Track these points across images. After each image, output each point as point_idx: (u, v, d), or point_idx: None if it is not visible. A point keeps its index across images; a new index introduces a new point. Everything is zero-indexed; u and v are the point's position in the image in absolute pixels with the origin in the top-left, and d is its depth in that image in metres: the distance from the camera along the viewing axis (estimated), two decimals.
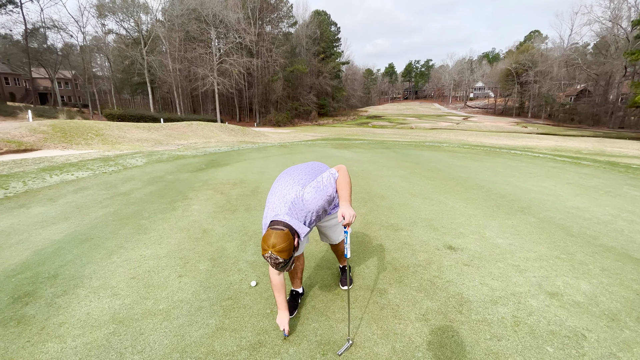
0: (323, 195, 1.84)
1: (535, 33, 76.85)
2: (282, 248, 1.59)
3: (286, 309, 1.95)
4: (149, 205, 4.66)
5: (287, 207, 1.78)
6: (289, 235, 1.63)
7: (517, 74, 64.48)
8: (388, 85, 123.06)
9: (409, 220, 3.99)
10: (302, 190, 1.83)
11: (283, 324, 1.90)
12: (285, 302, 1.96)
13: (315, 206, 1.83)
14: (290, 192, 1.83)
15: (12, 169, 7.40)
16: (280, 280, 1.92)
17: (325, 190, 1.85)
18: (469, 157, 10.18)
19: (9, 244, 3.29)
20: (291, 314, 2.09)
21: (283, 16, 55.99)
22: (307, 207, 1.81)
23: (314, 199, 1.82)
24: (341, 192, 1.86)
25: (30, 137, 12.48)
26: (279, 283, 1.92)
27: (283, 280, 1.94)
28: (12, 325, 2.02)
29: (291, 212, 1.78)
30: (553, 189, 5.66)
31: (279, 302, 1.94)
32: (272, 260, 1.61)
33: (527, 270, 2.70)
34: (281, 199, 1.82)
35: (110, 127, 16.29)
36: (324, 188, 1.85)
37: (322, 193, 1.84)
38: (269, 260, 1.62)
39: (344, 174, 1.91)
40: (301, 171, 1.99)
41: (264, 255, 1.62)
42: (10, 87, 44.18)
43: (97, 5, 42.25)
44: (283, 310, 1.93)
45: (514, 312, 2.14)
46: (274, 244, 1.58)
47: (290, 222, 1.71)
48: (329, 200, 1.90)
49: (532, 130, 43.10)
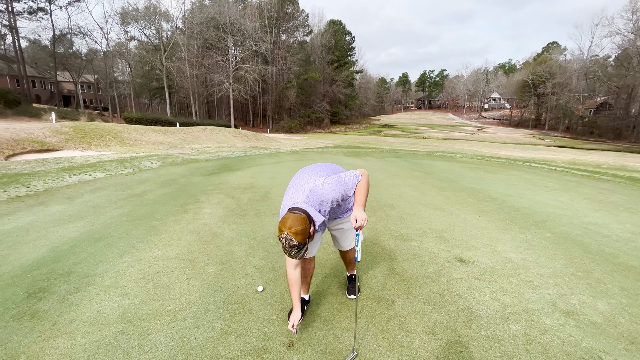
0: (341, 189, 1.89)
1: (553, 44, 75.62)
2: (298, 230, 1.63)
3: (299, 308, 1.96)
4: (161, 207, 4.75)
5: (305, 195, 1.85)
6: (306, 220, 1.67)
7: (534, 85, 63.36)
8: (401, 94, 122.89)
9: (419, 230, 3.93)
10: (322, 180, 1.90)
11: (294, 321, 1.89)
12: (299, 300, 1.97)
13: (332, 196, 1.87)
14: (309, 182, 1.91)
15: (34, 167, 7.68)
16: (296, 276, 1.93)
17: (345, 186, 1.90)
18: (483, 168, 10.01)
19: (27, 240, 3.40)
20: None
21: (299, 25, 56.93)
22: (324, 196, 1.86)
23: (333, 190, 1.87)
24: (357, 196, 1.91)
25: (52, 137, 12.96)
26: (294, 278, 1.93)
27: (299, 276, 1.95)
28: (26, 319, 2.08)
29: (308, 199, 1.85)
30: (570, 203, 5.49)
31: (294, 298, 1.96)
32: (286, 242, 1.64)
33: (541, 287, 2.61)
34: (299, 189, 1.90)
35: (128, 130, 16.78)
36: (344, 184, 1.90)
37: (341, 187, 1.89)
38: (283, 242, 1.66)
39: (366, 180, 1.95)
40: (321, 168, 2.08)
41: (280, 236, 1.66)
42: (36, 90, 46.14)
43: (121, 13, 43.98)
44: (296, 308, 1.95)
45: (526, 330, 2.07)
46: (291, 225, 1.63)
47: (307, 209, 1.77)
48: (344, 197, 1.94)
49: (549, 143, 42.09)
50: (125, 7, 44.43)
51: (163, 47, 42.38)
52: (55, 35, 38.20)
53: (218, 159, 11.21)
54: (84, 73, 47.21)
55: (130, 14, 43.75)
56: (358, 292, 2.46)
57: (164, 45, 42.63)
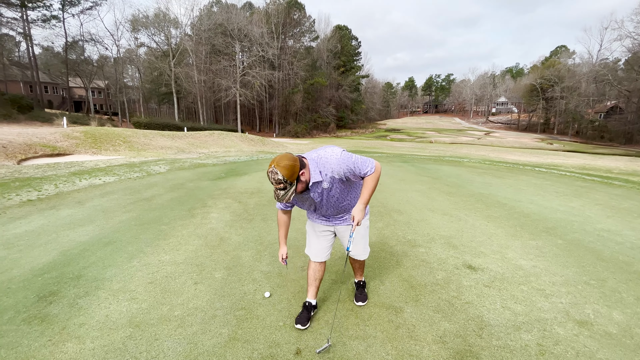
0: (347, 166, 1.80)
1: (561, 48, 74.86)
2: (285, 165, 1.64)
3: (284, 244, 2.17)
4: (169, 211, 4.78)
5: (312, 153, 1.89)
6: (296, 160, 1.70)
7: (543, 89, 62.70)
8: (407, 98, 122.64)
9: (427, 236, 3.89)
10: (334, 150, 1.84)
11: (282, 255, 2.14)
12: (285, 239, 2.17)
13: (339, 168, 1.80)
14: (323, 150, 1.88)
15: (45, 172, 7.83)
16: (284, 218, 2.12)
17: (353, 165, 1.81)
18: (491, 173, 9.90)
19: (38, 243, 3.45)
20: (304, 326, 2.09)
21: (305, 31, 57.40)
22: (331, 164, 1.80)
23: (343, 162, 1.79)
24: (363, 191, 1.85)
25: (63, 142, 13.21)
26: (283, 220, 2.12)
27: (287, 220, 2.12)
28: (36, 323, 2.10)
29: (312, 156, 1.86)
30: (581, 209, 5.39)
31: (280, 237, 2.17)
32: (272, 175, 1.66)
33: (553, 296, 2.56)
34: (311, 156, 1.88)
35: (137, 135, 17.02)
36: (353, 163, 1.81)
37: (348, 164, 1.80)
38: (269, 176, 1.68)
39: (377, 176, 1.85)
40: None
41: (268, 171, 1.69)
42: (49, 95, 47.25)
43: (131, 21, 44.93)
44: (282, 245, 2.17)
45: (539, 340, 2.02)
46: (280, 160, 1.66)
47: (307, 158, 1.83)
48: (347, 176, 1.84)
49: (559, 147, 41.51)
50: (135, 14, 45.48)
51: (172, 53, 43.09)
52: (67, 42, 39.14)
53: (225, 163, 11.29)
54: (95, 79, 48.19)
55: (141, 21, 44.65)
56: (365, 299, 2.44)
57: (173, 51, 43.34)
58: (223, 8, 49.75)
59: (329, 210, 2.04)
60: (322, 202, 1.97)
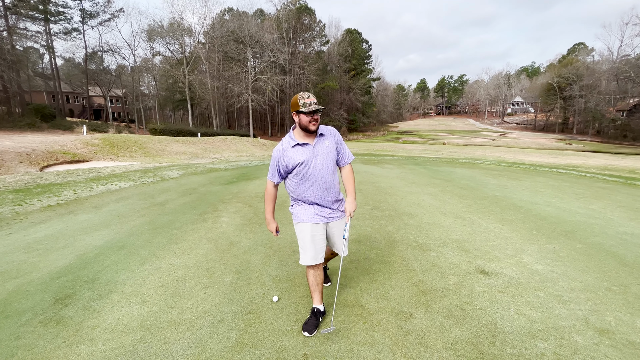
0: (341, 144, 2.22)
1: (579, 45, 72.67)
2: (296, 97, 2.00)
3: (272, 220, 2.26)
4: (181, 215, 4.87)
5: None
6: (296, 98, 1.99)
7: (560, 88, 60.92)
8: (420, 100, 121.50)
9: (439, 240, 3.81)
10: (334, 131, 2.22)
11: (272, 229, 2.26)
12: (273, 214, 2.29)
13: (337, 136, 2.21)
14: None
15: (65, 178, 8.11)
16: (273, 192, 2.25)
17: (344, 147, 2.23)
18: (506, 175, 9.65)
19: (56, 247, 3.57)
20: (311, 334, 2.07)
21: (316, 35, 57.79)
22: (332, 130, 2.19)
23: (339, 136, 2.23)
24: (349, 184, 2.24)
25: (83, 149, 13.69)
26: (271, 194, 2.26)
27: (275, 195, 2.27)
28: (52, 325, 2.16)
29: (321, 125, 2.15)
30: (602, 212, 5.17)
31: (269, 212, 2.27)
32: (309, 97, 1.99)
33: (572, 302, 2.45)
34: None
35: (153, 141, 17.46)
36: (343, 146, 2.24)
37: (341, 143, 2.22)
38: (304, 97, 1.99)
39: (352, 169, 2.30)
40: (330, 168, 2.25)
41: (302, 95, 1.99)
42: (70, 104, 49.22)
43: (147, 31, 46.39)
44: (273, 220, 2.26)
45: (556, 349, 1.93)
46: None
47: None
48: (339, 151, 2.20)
49: (578, 148, 40.13)
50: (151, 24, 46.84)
51: (186, 61, 44.16)
52: (87, 53, 40.73)
53: (237, 167, 11.43)
54: (113, 87, 49.90)
55: (156, 31, 46.01)
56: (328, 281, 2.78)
57: (187, 59, 44.41)
58: (235, 16, 50.72)
59: (318, 181, 2.10)
60: (317, 166, 2.08)
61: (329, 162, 2.11)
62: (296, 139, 2.06)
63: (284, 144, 2.09)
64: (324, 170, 2.09)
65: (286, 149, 2.08)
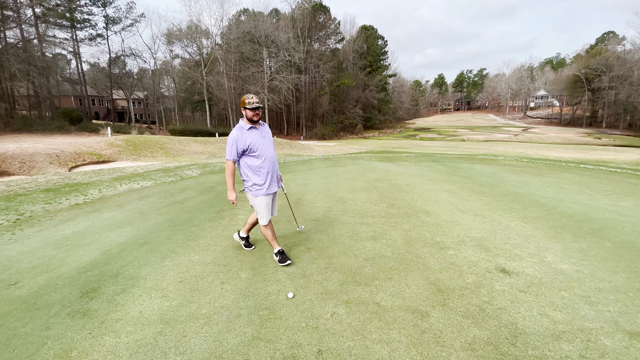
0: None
1: (609, 34, 68.90)
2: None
3: (233, 190, 2.94)
4: (200, 213, 4.99)
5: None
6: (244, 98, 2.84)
7: (588, 79, 58.07)
8: (437, 96, 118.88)
9: (457, 238, 3.72)
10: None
11: (231, 198, 2.94)
12: (233, 187, 2.94)
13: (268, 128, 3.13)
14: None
15: (91, 177, 8.48)
16: (233, 168, 2.92)
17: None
18: (529, 171, 9.30)
19: (83, 243, 3.74)
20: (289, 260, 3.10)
21: (330, 33, 57.62)
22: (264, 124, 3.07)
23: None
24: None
25: (107, 150, 14.26)
26: (231, 169, 2.92)
27: (234, 170, 2.93)
28: (79, 317, 2.27)
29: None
30: (634, 209, 4.90)
31: (231, 184, 2.92)
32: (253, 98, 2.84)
33: (600, 303, 2.34)
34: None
35: (172, 142, 17.96)
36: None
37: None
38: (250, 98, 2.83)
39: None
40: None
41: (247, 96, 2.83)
42: (95, 107, 51.44)
43: (166, 34, 47.75)
44: (233, 191, 2.95)
45: (582, 352, 1.85)
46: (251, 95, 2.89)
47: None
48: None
49: (608, 142, 38.13)
50: (170, 28, 48.19)
51: (203, 62, 45.12)
52: (111, 58, 42.38)
53: None
54: (135, 90, 51.68)
55: (175, 34, 47.26)
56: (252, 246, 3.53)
57: (204, 60, 45.37)
58: (250, 16, 51.33)
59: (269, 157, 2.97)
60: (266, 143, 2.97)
61: (272, 143, 3.05)
62: (248, 124, 2.87)
63: (241, 128, 2.85)
64: (271, 148, 3.01)
65: (243, 131, 2.84)
